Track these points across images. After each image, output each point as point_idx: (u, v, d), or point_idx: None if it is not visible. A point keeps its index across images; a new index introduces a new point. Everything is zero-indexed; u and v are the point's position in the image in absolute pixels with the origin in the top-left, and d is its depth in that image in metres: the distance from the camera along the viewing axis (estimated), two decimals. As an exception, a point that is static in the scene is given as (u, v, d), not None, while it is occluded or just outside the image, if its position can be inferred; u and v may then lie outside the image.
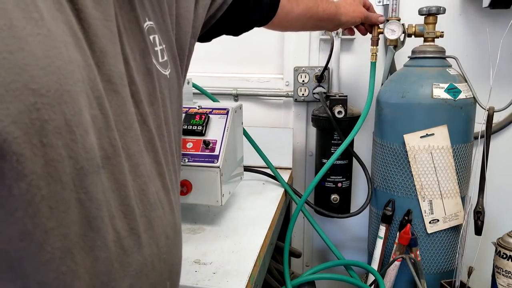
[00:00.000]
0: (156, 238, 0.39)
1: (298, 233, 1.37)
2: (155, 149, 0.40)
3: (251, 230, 0.86)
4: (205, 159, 0.82)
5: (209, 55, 1.35)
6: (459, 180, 0.95)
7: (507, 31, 1.02)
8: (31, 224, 0.27)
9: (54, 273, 0.29)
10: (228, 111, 0.88)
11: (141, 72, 0.40)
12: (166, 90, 0.44)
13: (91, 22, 0.33)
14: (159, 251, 0.39)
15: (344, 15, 0.91)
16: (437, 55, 0.96)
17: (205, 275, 0.69)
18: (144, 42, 0.40)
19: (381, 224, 1.00)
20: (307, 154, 1.33)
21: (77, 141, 0.29)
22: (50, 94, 0.27)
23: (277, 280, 1.11)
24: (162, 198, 0.41)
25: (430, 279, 0.97)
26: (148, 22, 0.42)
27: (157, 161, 0.41)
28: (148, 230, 0.37)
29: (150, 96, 0.41)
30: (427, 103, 0.92)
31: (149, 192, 0.38)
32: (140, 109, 0.38)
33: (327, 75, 1.25)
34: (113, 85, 0.35)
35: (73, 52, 0.30)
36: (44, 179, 0.27)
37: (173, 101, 0.46)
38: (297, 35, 1.25)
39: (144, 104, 0.39)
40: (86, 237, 0.31)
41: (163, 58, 0.44)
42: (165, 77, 0.44)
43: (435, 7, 0.94)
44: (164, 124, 0.43)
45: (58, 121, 0.28)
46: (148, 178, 0.38)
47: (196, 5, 0.55)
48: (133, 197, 0.36)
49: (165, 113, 0.43)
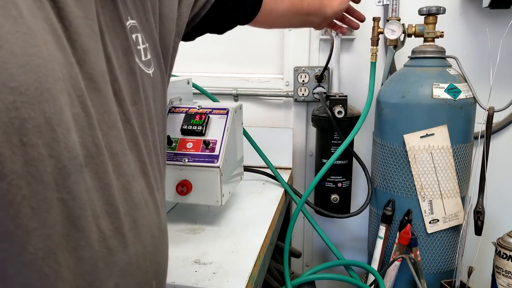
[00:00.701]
0: (141, 237, 0.38)
1: (298, 233, 1.37)
2: (139, 148, 0.40)
3: (251, 230, 0.86)
4: (205, 159, 0.82)
5: (209, 55, 1.35)
6: (459, 180, 0.95)
7: (507, 31, 1.02)
8: (12, 225, 0.27)
9: (36, 274, 0.28)
10: (228, 111, 0.88)
11: (124, 71, 0.39)
12: (149, 89, 0.44)
13: (72, 20, 0.32)
14: (145, 250, 0.39)
15: (329, 7, 0.90)
16: (437, 55, 0.96)
17: (205, 275, 0.69)
18: (126, 41, 0.40)
19: (381, 224, 1.00)
20: (307, 154, 1.33)
21: (58, 140, 0.29)
22: (30, 92, 0.27)
23: (277, 280, 1.11)
24: (146, 197, 0.41)
25: (430, 279, 0.97)
26: (130, 20, 0.41)
27: (140, 160, 0.40)
28: (133, 229, 0.37)
29: (133, 95, 0.40)
30: (427, 103, 0.92)
31: (133, 191, 0.38)
32: (123, 108, 0.38)
33: (327, 75, 1.25)
34: (95, 83, 0.34)
35: (53, 50, 0.30)
36: (25, 179, 0.27)
37: (157, 100, 0.46)
38: (297, 35, 1.25)
39: (127, 103, 0.39)
40: (70, 237, 0.31)
41: (146, 57, 0.44)
42: (148, 75, 0.44)
43: (435, 7, 0.94)
44: (148, 124, 0.42)
45: (38, 120, 0.27)
46: (132, 177, 0.38)
47: (180, 4, 0.54)
48: (117, 196, 0.36)
49: (149, 112, 0.43)
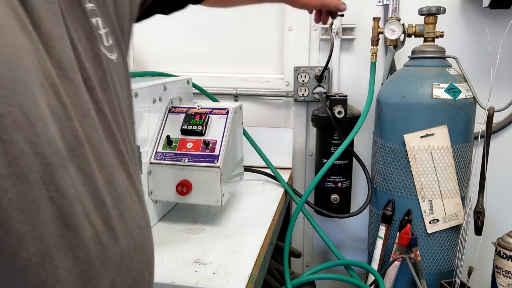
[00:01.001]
0: (130, 229, 0.37)
1: (298, 233, 1.37)
2: (115, 138, 0.38)
3: (251, 230, 0.86)
4: (205, 159, 0.82)
5: (209, 55, 1.35)
6: (459, 180, 0.95)
7: (507, 31, 1.02)
8: (1, 231, 0.25)
9: (32, 280, 0.27)
10: (228, 111, 0.88)
11: (90, 58, 0.37)
12: (115, 75, 0.41)
13: (34, 4, 0.30)
14: (134, 242, 0.38)
15: None
16: (437, 55, 0.96)
17: (205, 275, 0.69)
18: (88, 25, 0.38)
19: (381, 224, 1.00)
20: (307, 154, 1.33)
21: (39, 135, 0.27)
22: (3, 85, 0.25)
23: (277, 280, 1.11)
24: (128, 188, 0.39)
25: (430, 279, 0.97)
26: (89, 4, 0.39)
27: (118, 150, 0.39)
28: (121, 222, 0.36)
29: (101, 82, 0.38)
30: (427, 103, 0.92)
31: (115, 183, 0.37)
32: (94, 97, 0.36)
33: (327, 75, 1.25)
34: (64, 71, 0.32)
35: (20, 37, 0.27)
36: (10, 180, 0.25)
37: (123, 87, 0.44)
38: (297, 35, 1.25)
39: (97, 91, 0.37)
40: (63, 237, 0.29)
41: (108, 42, 0.41)
42: (112, 61, 0.41)
43: (435, 7, 0.94)
44: (119, 111, 0.40)
45: (15, 115, 0.25)
46: (113, 169, 0.37)
47: None
48: (103, 190, 0.34)
49: (118, 99, 0.41)
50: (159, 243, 0.80)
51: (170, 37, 1.36)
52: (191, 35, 1.35)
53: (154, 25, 1.35)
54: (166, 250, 0.77)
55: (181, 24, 1.34)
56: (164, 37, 1.36)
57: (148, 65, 1.40)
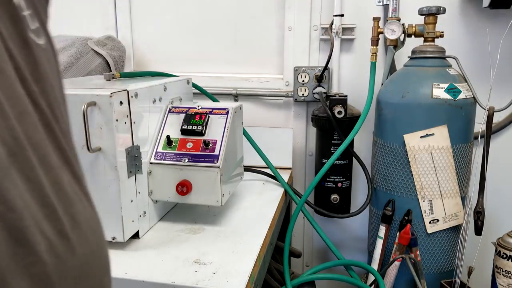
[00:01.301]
0: (85, 235, 0.35)
1: (298, 233, 1.37)
2: (55, 134, 0.35)
3: (251, 230, 0.86)
4: (205, 159, 0.82)
5: (209, 55, 1.35)
6: (459, 180, 0.95)
7: (507, 31, 1.02)
8: None
9: None
10: (228, 111, 0.88)
11: (17, 44, 0.32)
12: (46, 62, 0.37)
13: None
14: (91, 248, 0.35)
15: None
16: (437, 55, 0.96)
17: (205, 275, 0.69)
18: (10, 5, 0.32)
19: (381, 224, 1.00)
20: (307, 154, 1.33)
21: None
22: None
23: (277, 280, 1.11)
24: (76, 190, 0.36)
25: (430, 279, 0.97)
26: None
27: (59, 148, 0.35)
28: (75, 229, 0.33)
29: (33, 71, 0.34)
30: (427, 103, 0.92)
31: (64, 185, 0.34)
32: (27, 89, 0.32)
33: (327, 75, 1.25)
34: None
35: None
36: None
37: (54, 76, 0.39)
38: (297, 35, 1.25)
39: (30, 82, 0.33)
40: (17, 255, 0.26)
41: (34, 25, 0.36)
42: (41, 47, 0.36)
43: (435, 7, 0.94)
44: (54, 104, 0.36)
45: None
46: (59, 169, 0.33)
47: None
48: (51, 195, 0.31)
49: (53, 90, 0.37)
50: (159, 243, 0.80)
51: (170, 37, 1.36)
52: (191, 35, 1.35)
53: (154, 25, 1.36)
54: (166, 250, 0.77)
55: (181, 24, 1.34)
56: (164, 37, 1.36)
57: (148, 65, 1.40)
